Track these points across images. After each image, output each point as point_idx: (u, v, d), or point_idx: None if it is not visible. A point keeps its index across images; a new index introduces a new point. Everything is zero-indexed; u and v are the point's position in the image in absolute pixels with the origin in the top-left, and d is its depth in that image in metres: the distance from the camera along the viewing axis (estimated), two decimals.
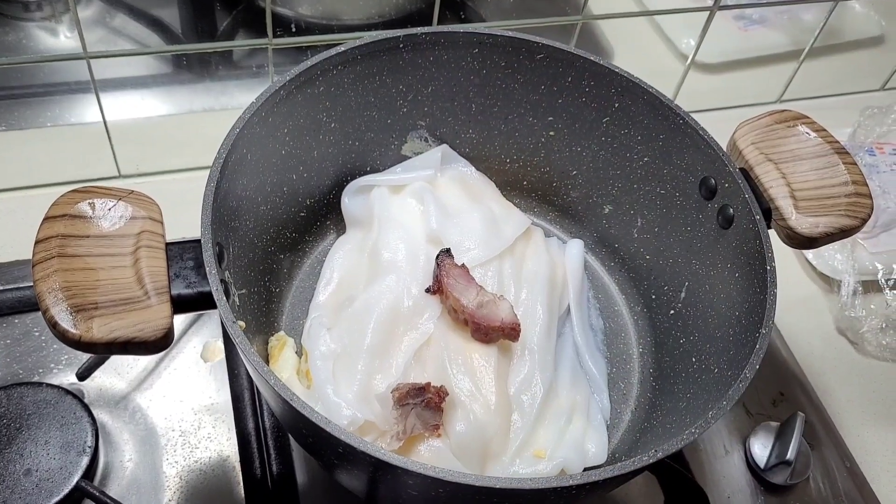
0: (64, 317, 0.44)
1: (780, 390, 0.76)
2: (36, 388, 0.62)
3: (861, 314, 0.82)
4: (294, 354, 0.63)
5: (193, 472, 0.64)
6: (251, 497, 0.62)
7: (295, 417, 0.45)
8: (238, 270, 0.59)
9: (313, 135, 0.66)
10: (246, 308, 0.60)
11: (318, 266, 0.71)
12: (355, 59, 0.63)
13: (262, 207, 0.63)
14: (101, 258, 0.47)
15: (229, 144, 0.55)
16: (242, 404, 0.67)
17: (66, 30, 0.89)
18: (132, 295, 0.46)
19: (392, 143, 0.72)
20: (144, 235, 0.49)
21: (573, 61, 0.66)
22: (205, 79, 0.90)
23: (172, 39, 0.87)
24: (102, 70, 0.77)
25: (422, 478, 0.43)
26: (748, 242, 0.58)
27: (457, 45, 0.66)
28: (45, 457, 0.58)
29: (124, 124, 0.82)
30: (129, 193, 0.51)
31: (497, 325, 0.60)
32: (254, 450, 0.65)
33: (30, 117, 0.86)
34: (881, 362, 0.81)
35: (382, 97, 0.68)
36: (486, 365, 0.60)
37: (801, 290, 0.86)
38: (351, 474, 0.51)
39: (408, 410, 0.56)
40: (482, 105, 0.71)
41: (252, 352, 0.46)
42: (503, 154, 0.75)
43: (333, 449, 0.46)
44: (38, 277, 0.45)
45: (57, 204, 0.49)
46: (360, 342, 0.61)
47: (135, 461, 0.64)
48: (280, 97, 0.60)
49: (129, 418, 0.66)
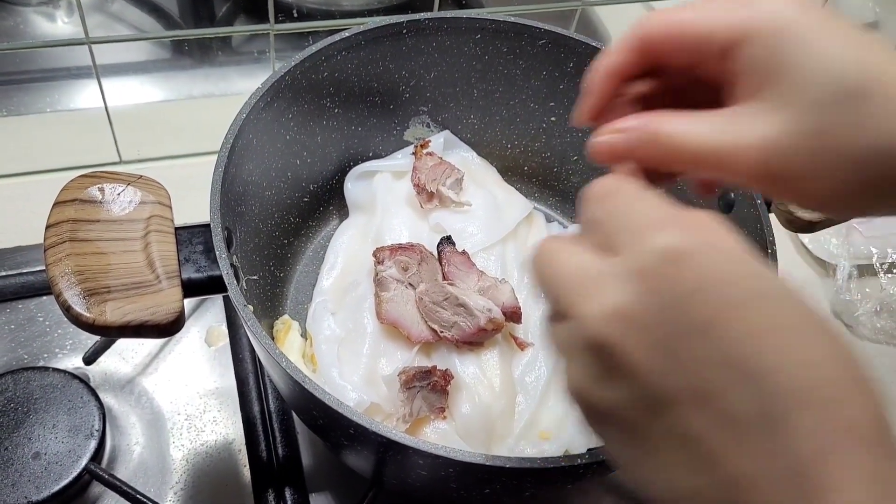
0: (77, 301, 0.45)
1: None
2: (42, 372, 0.62)
3: (856, 298, 0.83)
4: (299, 337, 0.64)
5: (200, 455, 0.64)
6: (257, 479, 0.63)
7: (306, 399, 0.46)
8: (244, 255, 0.59)
9: (317, 120, 0.66)
10: (252, 292, 0.60)
11: (322, 251, 0.71)
12: (359, 44, 0.64)
13: (267, 192, 0.64)
14: (111, 242, 0.48)
15: (236, 129, 0.55)
16: (247, 388, 0.68)
17: (64, 15, 0.89)
18: (144, 279, 0.47)
19: (394, 129, 0.73)
20: (154, 220, 0.50)
21: (575, 47, 0.66)
22: (204, 64, 0.90)
23: (170, 24, 0.87)
24: (102, 55, 0.77)
25: (432, 458, 0.44)
26: (749, 227, 0.59)
27: (459, 30, 0.66)
28: (54, 440, 0.59)
29: (125, 110, 0.82)
30: (138, 178, 0.51)
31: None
32: (259, 433, 0.65)
33: (29, 103, 0.86)
34: (876, 345, 0.82)
35: (385, 83, 0.68)
36: (490, 348, 0.61)
37: (796, 274, 0.87)
38: (360, 455, 0.52)
39: (414, 393, 0.57)
40: (484, 91, 0.71)
41: (264, 335, 0.46)
42: (505, 139, 0.75)
43: (344, 430, 0.46)
44: (51, 262, 0.46)
45: (67, 189, 0.49)
46: (365, 326, 0.62)
47: (142, 444, 0.64)
48: (285, 82, 0.60)
49: (135, 402, 0.66)
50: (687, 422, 0.26)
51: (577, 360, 0.29)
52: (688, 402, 0.26)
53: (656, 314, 0.27)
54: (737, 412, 0.26)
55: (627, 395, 0.28)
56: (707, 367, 0.26)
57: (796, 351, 0.26)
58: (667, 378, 0.27)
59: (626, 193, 0.30)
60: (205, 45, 0.88)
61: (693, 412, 0.26)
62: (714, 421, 0.26)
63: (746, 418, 0.25)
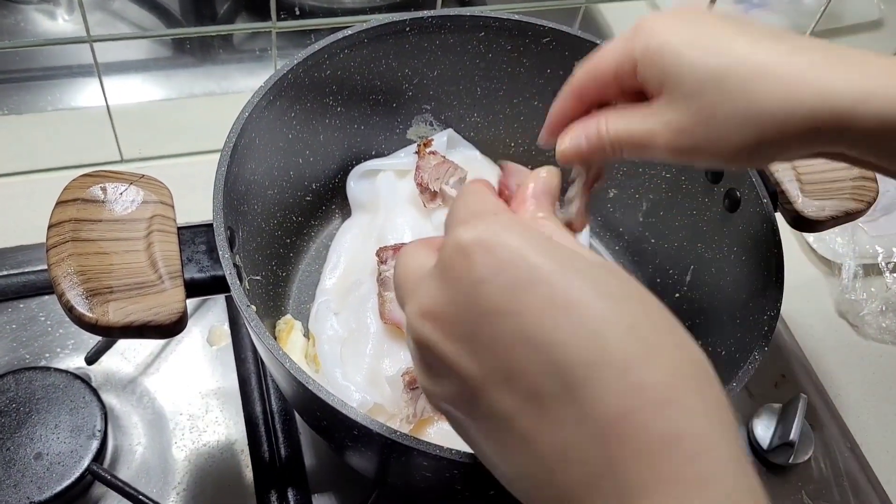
0: (80, 301, 0.44)
1: (782, 372, 0.77)
2: (44, 372, 0.62)
3: (861, 297, 0.82)
4: (302, 337, 0.64)
5: (202, 455, 0.64)
6: (260, 480, 0.63)
7: (310, 400, 0.45)
8: (246, 254, 0.59)
9: (319, 119, 0.66)
10: (254, 292, 0.60)
11: (324, 250, 0.71)
12: (362, 42, 0.63)
13: (270, 191, 0.63)
14: (114, 242, 0.47)
15: (239, 128, 0.55)
16: (249, 388, 0.67)
17: (65, 13, 0.88)
18: (146, 279, 0.47)
19: (397, 128, 0.72)
20: (156, 220, 0.49)
21: (580, 45, 0.66)
22: (206, 63, 0.89)
23: (172, 23, 0.86)
24: (103, 54, 0.76)
25: (437, 459, 0.43)
26: (755, 226, 0.59)
27: (463, 28, 0.66)
28: (56, 441, 0.59)
29: (126, 108, 0.82)
30: (140, 177, 0.51)
31: None
32: (261, 433, 0.65)
33: (30, 101, 0.85)
34: (881, 344, 0.82)
35: (388, 81, 0.68)
36: None
37: (802, 274, 0.87)
38: (363, 456, 0.52)
39: (418, 394, 0.56)
40: (487, 89, 0.71)
41: (267, 336, 0.46)
42: (508, 138, 0.75)
43: (347, 431, 0.46)
44: (53, 261, 0.45)
45: (69, 188, 0.49)
46: (368, 326, 0.62)
47: (144, 445, 0.64)
48: (288, 81, 0.59)
49: (137, 402, 0.66)
50: (499, 404, 0.28)
51: (414, 358, 0.32)
52: (496, 384, 0.28)
53: (455, 305, 0.29)
54: (539, 386, 0.27)
55: (450, 387, 0.30)
56: (505, 348, 0.28)
57: (585, 322, 0.27)
58: (473, 364, 0.28)
59: (468, 192, 0.34)
60: (206, 44, 0.88)
61: (502, 393, 0.28)
62: (520, 398, 0.28)
63: (549, 391, 0.27)
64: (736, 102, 0.37)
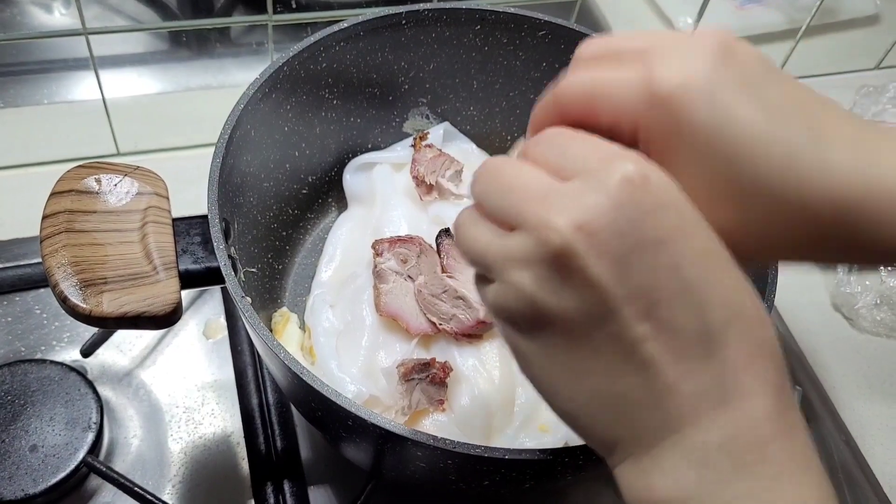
0: (74, 291, 0.44)
1: None
2: (39, 364, 0.62)
3: (856, 290, 0.83)
4: (298, 329, 0.64)
5: (198, 447, 0.64)
6: (256, 472, 0.63)
7: (304, 391, 0.46)
8: (242, 247, 0.59)
9: (315, 111, 0.66)
10: (250, 284, 0.60)
11: (320, 242, 0.71)
12: (358, 35, 0.63)
13: (265, 184, 0.63)
14: (108, 233, 0.47)
15: (234, 120, 0.55)
16: (245, 380, 0.68)
17: (61, 6, 0.88)
18: (140, 270, 0.47)
19: (393, 121, 0.72)
20: (151, 211, 0.49)
21: (576, 38, 0.65)
22: (202, 56, 0.89)
23: (168, 16, 0.86)
24: (99, 47, 0.76)
25: (431, 450, 0.43)
26: None
27: (459, 21, 0.66)
28: (51, 433, 0.59)
29: (122, 101, 0.82)
30: (135, 169, 0.51)
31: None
32: (258, 425, 0.65)
33: (26, 94, 0.85)
34: (876, 337, 0.82)
35: (384, 74, 0.68)
36: (489, 340, 0.61)
37: (796, 267, 0.87)
38: (358, 447, 0.52)
39: (413, 385, 0.57)
40: (484, 82, 0.71)
41: (262, 327, 0.46)
42: (504, 131, 0.75)
43: (343, 422, 0.46)
44: (47, 252, 0.45)
45: (63, 179, 0.49)
46: (364, 318, 0.62)
47: (139, 437, 0.64)
48: (283, 73, 0.59)
49: (132, 395, 0.66)
50: (632, 328, 0.30)
51: (528, 271, 0.31)
52: (637, 308, 0.30)
53: (618, 228, 0.30)
54: (678, 322, 0.30)
55: (578, 303, 0.31)
56: (658, 278, 0.30)
57: (727, 276, 0.31)
58: (620, 284, 0.30)
59: (574, 134, 0.34)
60: (203, 37, 0.88)
61: (639, 317, 0.30)
62: (657, 326, 0.30)
63: (685, 328, 0.30)
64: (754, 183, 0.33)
